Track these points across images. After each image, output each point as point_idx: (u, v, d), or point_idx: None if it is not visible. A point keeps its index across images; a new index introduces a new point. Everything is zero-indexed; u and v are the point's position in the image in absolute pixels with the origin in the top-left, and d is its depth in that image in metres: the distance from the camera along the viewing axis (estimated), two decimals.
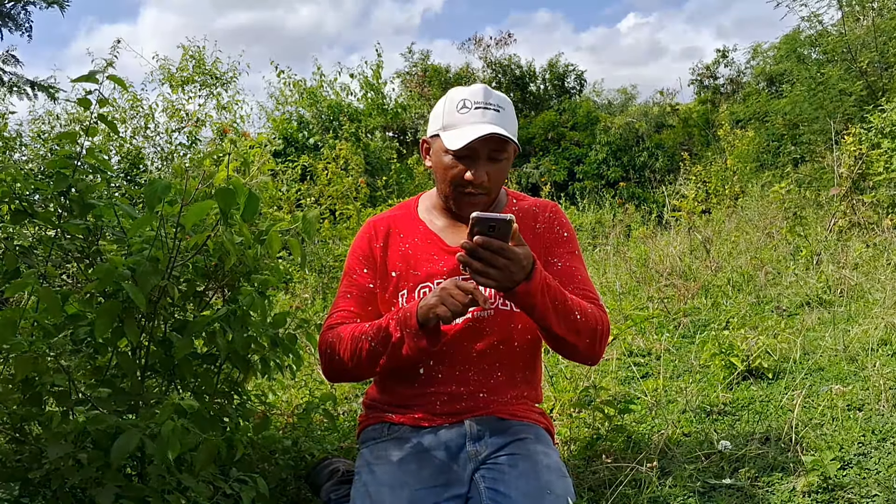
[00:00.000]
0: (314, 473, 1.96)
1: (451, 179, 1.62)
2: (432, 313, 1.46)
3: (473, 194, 1.62)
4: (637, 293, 4.34)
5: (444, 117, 1.63)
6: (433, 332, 1.51)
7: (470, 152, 1.58)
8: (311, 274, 5.24)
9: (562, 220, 1.76)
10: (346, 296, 1.73)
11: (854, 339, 2.89)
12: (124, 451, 1.34)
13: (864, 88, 7.42)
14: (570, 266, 1.69)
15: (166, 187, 1.45)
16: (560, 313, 1.49)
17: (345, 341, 1.60)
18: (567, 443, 2.16)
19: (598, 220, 7.94)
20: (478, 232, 1.35)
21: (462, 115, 1.60)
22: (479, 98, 1.60)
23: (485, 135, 1.54)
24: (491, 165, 1.61)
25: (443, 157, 1.63)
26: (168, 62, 10.47)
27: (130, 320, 1.51)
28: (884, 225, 5.02)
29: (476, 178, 1.59)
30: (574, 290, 1.62)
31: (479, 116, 1.58)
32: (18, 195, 1.54)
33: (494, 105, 1.60)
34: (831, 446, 1.97)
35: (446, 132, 1.61)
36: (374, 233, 1.76)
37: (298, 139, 10.50)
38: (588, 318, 1.55)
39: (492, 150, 1.60)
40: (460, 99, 1.61)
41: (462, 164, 1.60)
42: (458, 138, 1.57)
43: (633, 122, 14.37)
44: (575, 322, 1.51)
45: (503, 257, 1.36)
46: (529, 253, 1.42)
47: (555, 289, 1.48)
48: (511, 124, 1.63)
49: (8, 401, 1.49)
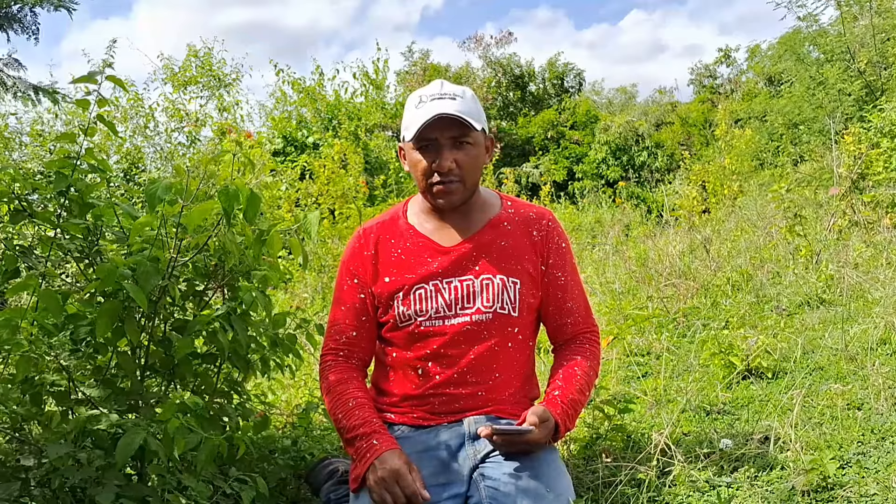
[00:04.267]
0: (314, 473, 1.96)
1: (421, 174, 1.65)
2: (366, 484, 1.52)
3: (445, 182, 1.63)
4: (637, 293, 4.34)
5: (405, 119, 1.67)
6: None
7: (430, 142, 1.61)
8: (311, 273, 5.24)
9: (559, 230, 1.79)
10: (341, 308, 1.75)
11: (853, 338, 2.89)
12: (129, 449, 1.34)
13: (862, 88, 7.42)
14: (571, 281, 1.77)
15: (167, 187, 1.45)
16: (579, 411, 1.68)
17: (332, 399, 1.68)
18: (566, 442, 2.16)
19: (597, 220, 7.95)
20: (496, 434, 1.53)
21: (418, 111, 1.62)
22: (434, 90, 1.64)
23: (432, 116, 1.56)
24: (457, 152, 1.62)
25: (411, 155, 1.65)
26: (172, 61, 10.46)
27: (131, 320, 1.51)
28: (883, 224, 5.02)
29: (441, 166, 1.61)
30: (573, 307, 1.76)
31: (433, 107, 1.60)
32: (18, 195, 1.55)
33: (450, 94, 1.62)
34: (830, 445, 1.98)
35: (407, 131, 1.64)
36: (364, 242, 1.76)
37: (298, 138, 10.49)
38: (592, 378, 1.73)
39: (454, 137, 1.61)
40: (417, 96, 1.65)
41: (427, 156, 1.62)
42: (413, 130, 1.60)
43: (632, 120, 14.37)
44: (586, 400, 1.71)
45: (524, 445, 1.55)
46: (550, 428, 1.57)
47: (573, 413, 1.64)
48: (471, 110, 1.63)
49: (8, 400, 1.49)
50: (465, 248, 1.69)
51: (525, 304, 1.69)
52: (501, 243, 1.71)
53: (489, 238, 1.71)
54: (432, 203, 1.70)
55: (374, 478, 1.49)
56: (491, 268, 1.68)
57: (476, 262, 1.69)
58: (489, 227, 1.72)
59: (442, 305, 1.66)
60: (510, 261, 1.70)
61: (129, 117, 9.40)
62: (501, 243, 1.71)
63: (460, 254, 1.69)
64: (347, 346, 1.73)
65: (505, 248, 1.70)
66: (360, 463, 1.55)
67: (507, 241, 1.71)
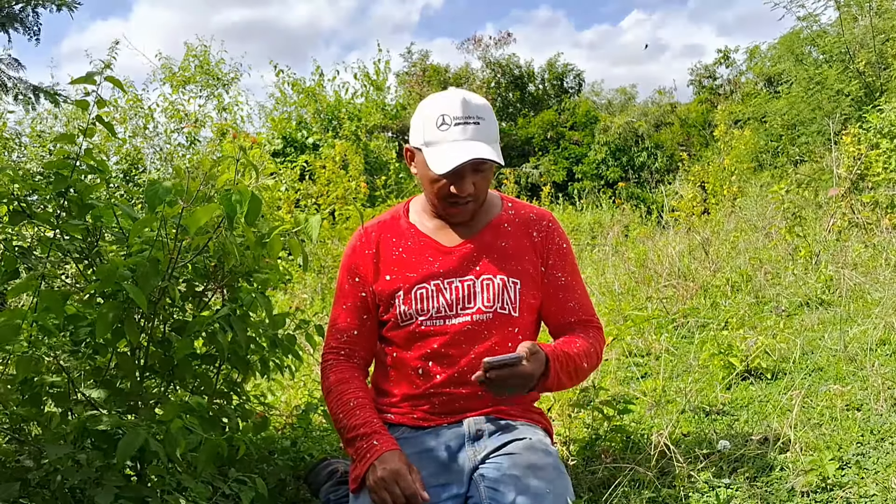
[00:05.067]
0: (313, 474, 1.96)
1: (437, 192, 1.65)
2: (366, 485, 1.52)
3: (460, 203, 1.65)
4: (636, 293, 4.35)
5: (424, 132, 1.62)
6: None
7: (454, 171, 1.59)
8: (310, 274, 5.24)
9: (559, 231, 1.79)
10: (343, 307, 1.75)
11: (853, 339, 2.90)
12: (130, 449, 1.34)
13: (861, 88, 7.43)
14: (571, 281, 1.77)
15: (167, 189, 1.45)
16: (573, 375, 1.63)
17: (332, 399, 1.68)
18: (566, 443, 2.17)
19: (596, 221, 7.95)
20: (489, 368, 1.48)
21: (443, 133, 1.58)
22: (458, 112, 1.58)
23: (468, 161, 1.55)
24: (475, 176, 1.63)
25: (428, 172, 1.62)
26: (170, 61, 10.45)
27: (130, 321, 1.51)
28: (883, 225, 5.03)
29: (462, 191, 1.62)
30: (575, 306, 1.75)
31: (459, 134, 1.57)
32: (17, 196, 1.55)
33: (474, 118, 1.59)
34: (830, 446, 1.98)
35: (429, 149, 1.60)
36: (365, 240, 1.76)
37: (297, 139, 10.50)
38: (592, 357, 1.69)
39: (474, 165, 1.60)
40: (439, 114, 1.60)
41: (447, 179, 1.62)
42: (442, 161, 1.57)
43: (632, 121, 14.37)
44: (584, 370, 1.67)
45: (516, 378, 1.49)
46: (542, 360, 1.53)
47: (565, 361, 1.59)
48: (491, 133, 1.62)
49: (8, 401, 1.49)
50: (466, 249, 1.70)
51: (525, 305, 1.70)
52: (502, 244, 1.72)
53: (490, 239, 1.72)
54: (443, 216, 1.72)
55: (373, 478, 1.49)
56: (492, 268, 1.69)
57: (477, 262, 1.69)
58: (490, 228, 1.73)
59: (443, 305, 1.67)
60: (510, 261, 1.70)
61: (128, 118, 9.40)
62: (502, 244, 1.72)
63: (461, 254, 1.70)
64: (349, 346, 1.74)
65: (505, 249, 1.71)
66: (360, 463, 1.55)
67: (508, 242, 1.72)
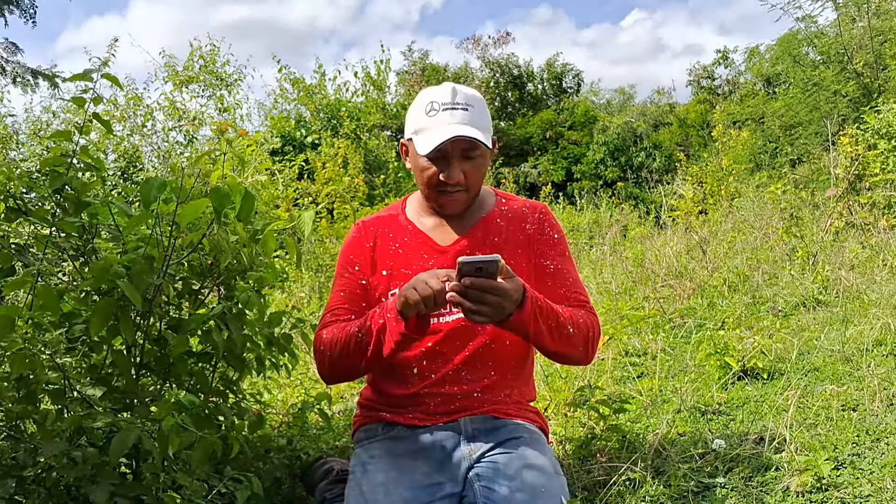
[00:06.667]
0: (309, 473, 1.96)
1: (427, 180, 1.65)
2: (404, 297, 1.46)
3: (451, 192, 1.65)
4: (633, 293, 4.35)
5: (414, 121, 1.65)
6: (419, 323, 1.50)
7: (441, 154, 1.60)
8: (308, 272, 5.24)
9: (551, 221, 1.78)
10: (340, 294, 1.74)
11: (849, 339, 2.90)
12: (123, 447, 1.34)
13: (858, 89, 7.43)
14: (561, 268, 1.72)
15: (161, 185, 1.45)
16: (554, 332, 1.52)
17: (335, 336, 1.61)
18: (562, 442, 2.17)
19: (595, 220, 7.95)
20: (465, 273, 1.38)
21: (431, 119, 1.61)
22: (447, 98, 1.61)
23: (451, 138, 1.56)
24: (465, 163, 1.63)
25: (418, 160, 1.65)
26: (174, 60, 10.43)
27: (126, 318, 1.51)
28: (880, 226, 5.04)
29: (450, 178, 1.62)
30: (566, 293, 1.68)
31: (447, 118, 1.60)
32: (13, 193, 1.54)
33: (462, 104, 1.61)
34: (825, 446, 1.98)
35: (417, 136, 1.63)
36: (364, 234, 1.77)
37: (296, 137, 10.49)
38: (580, 328, 1.58)
39: (463, 150, 1.61)
40: (428, 101, 1.63)
41: (436, 166, 1.62)
42: (427, 143, 1.59)
43: (631, 121, 14.38)
44: (569, 336, 1.55)
45: (493, 294, 1.39)
46: (519, 284, 1.44)
47: (547, 310, 1.51)
48: (482, 120, 1.64)
49: (3, 398, 1.48)
50: (459, 246, 1.71)
51: None
52: (495, 239, 1.72)
53: (482, 235, 1.72)
54: (435, 207, 1.72)
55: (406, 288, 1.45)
56: None
57: None
58: (482, 224, 1.73)
59: None
60: (504, 256, 1.70)
61: (126, 117, 9.38)
62: (495, 239, 1.72)
63: (455, 252, 1.69)
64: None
65: (498, 245, 1.71)
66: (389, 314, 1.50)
67: (501, 237, 1.72)
